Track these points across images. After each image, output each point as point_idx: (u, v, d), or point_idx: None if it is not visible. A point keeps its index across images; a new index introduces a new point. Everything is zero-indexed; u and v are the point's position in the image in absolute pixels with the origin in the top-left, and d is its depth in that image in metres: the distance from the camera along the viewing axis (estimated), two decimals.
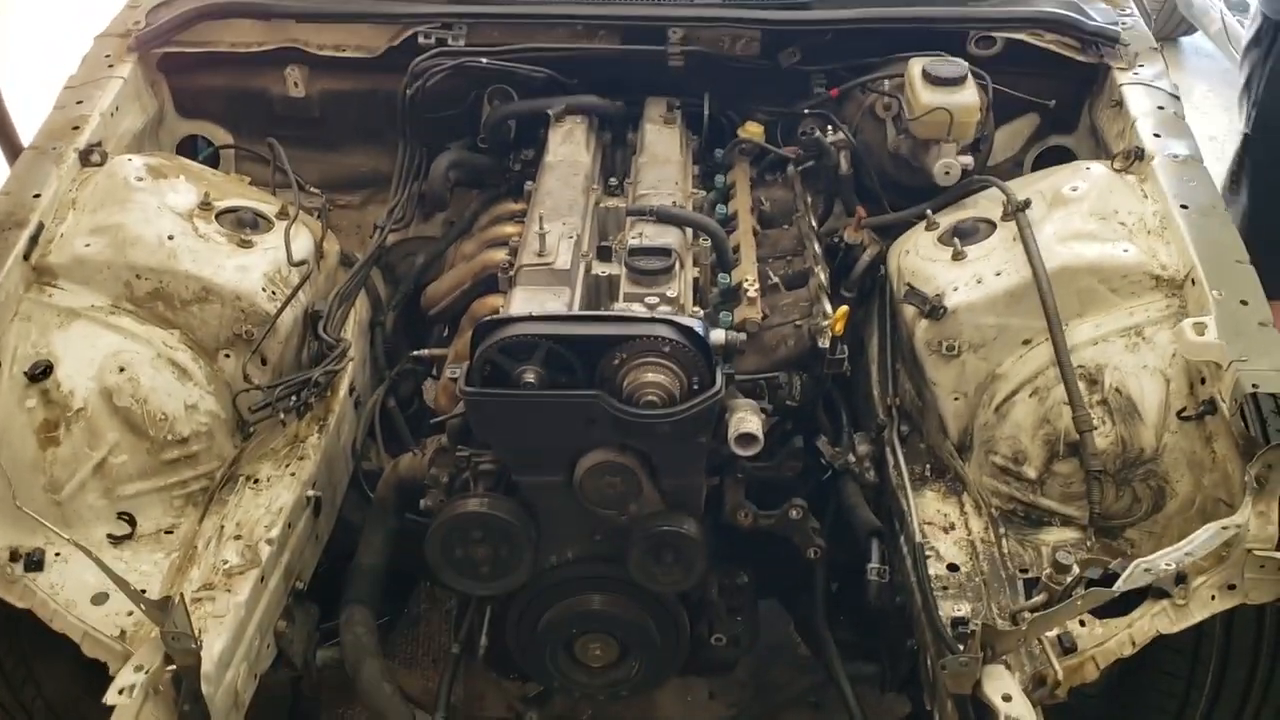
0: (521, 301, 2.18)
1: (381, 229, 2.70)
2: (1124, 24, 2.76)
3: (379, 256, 2.70)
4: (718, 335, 2.01)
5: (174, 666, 1.77)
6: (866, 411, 2.53)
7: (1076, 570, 1.86)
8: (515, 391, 1.94)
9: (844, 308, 2.23)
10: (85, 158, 2.48)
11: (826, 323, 2.23)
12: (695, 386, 1.95)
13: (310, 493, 2.28)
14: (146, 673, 1.76)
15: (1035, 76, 2.73)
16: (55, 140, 2.51)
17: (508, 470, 2.10)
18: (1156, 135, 2.46)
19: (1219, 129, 5.59)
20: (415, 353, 2.62)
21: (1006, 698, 1.76)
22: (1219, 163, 5.36)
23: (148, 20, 2.78)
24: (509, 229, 2.68)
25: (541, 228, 2.25)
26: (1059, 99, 2.77)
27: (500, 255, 2.60)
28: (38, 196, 2.35)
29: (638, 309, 2.10)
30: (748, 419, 1.99)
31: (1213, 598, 1.89)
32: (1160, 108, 2.54)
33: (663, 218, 2.34)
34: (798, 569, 2.41)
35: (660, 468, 2.02)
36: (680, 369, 1.94)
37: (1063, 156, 2.81)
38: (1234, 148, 3.89)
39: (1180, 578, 1.90)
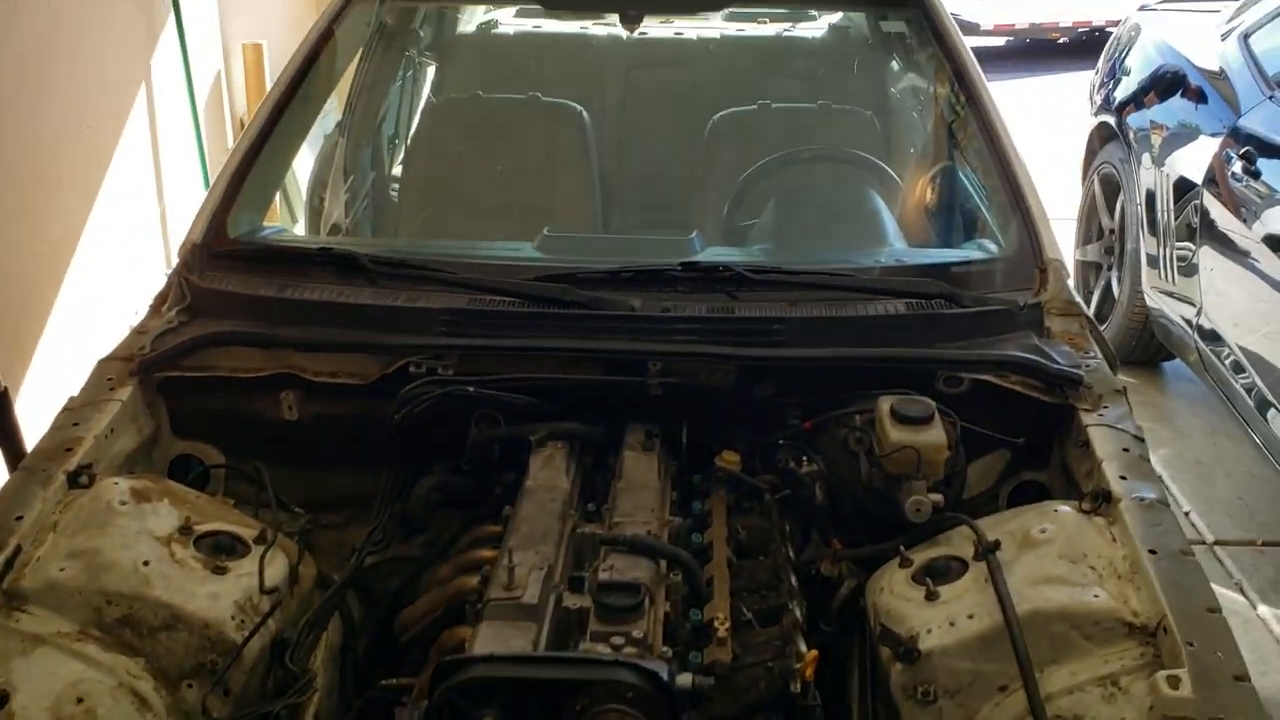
0: (486, 638, 2.16)
1: (358, 551, 2.71)
2: (1087, 365, 2.83)
3: (354, 580, 2.69)
4: (684, 679, 1.98)
5: None
6: None
7: None
8: None
9: (813, 652, 2.20)
10: (74, 479, 2.53)
11: (799, 665, 2.20)
12: None
13: None
14: None
15: (1006, 414, 2.80)
16: (46, 461, 2.56)
17: None
18: (1123, 478, 2.49)
19: (1204, 454, 5.73)
20: (384, 681, 2.57)
21: None
22: (1205, 484, 5.46)
23: (153, 346, 2.91)
24: (485, 553, 2.69)
25: (511, 560, 2.26)
26: (1030, 436, 2.82)
27: (474, 581, 2.60)
28: (19, 519, 2.38)
29: (603, 650, 2.07)
30: None
31: None
32: (1125, 450, 2.58)
33: (636, 548, 2.36)
34: None
35: None
36: (645, 717, 1.91)
37: (1039, 491, 2.84)
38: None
39: None
